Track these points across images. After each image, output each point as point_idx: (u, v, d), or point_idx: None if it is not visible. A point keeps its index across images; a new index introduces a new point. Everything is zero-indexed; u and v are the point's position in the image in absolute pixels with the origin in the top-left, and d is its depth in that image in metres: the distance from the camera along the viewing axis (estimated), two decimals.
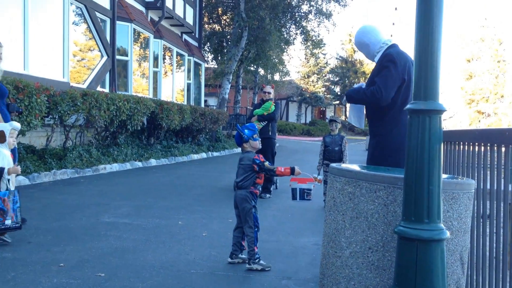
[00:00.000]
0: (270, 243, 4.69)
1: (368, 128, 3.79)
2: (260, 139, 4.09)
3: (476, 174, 2.72)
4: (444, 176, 2.46)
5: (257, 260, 3.83)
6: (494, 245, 2.63)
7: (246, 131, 3.97)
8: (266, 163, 3.89)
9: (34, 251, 3.98)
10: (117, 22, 13.63)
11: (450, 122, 59.36)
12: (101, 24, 12.86)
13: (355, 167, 2.80)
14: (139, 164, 10.79)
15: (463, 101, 58.11)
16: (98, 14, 12.69)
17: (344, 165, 2.87)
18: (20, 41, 9.22)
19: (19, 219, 4.15)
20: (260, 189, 4.03)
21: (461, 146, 3.03)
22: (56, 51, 10.45)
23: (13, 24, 9.16)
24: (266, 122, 7.67)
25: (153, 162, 11.45)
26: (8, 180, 4.16)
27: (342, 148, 7.21)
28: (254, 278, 3.65)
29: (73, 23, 11.61)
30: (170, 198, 7.05)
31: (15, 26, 9.19)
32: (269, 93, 7.78)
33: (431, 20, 2.10)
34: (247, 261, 3.87)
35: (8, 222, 4.05)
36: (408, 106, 2.18)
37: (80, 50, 12.54)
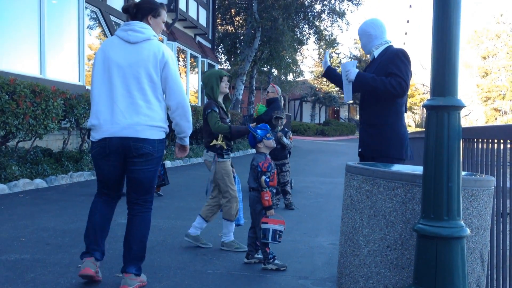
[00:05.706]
0: (286, 243, 4.67)
1: (365, 117, 3.66)
2: (274, 138, 4.08)
3: (495, 171, 2.68)
4: (463, 173, 2.42)
5: (271, 260, 3.81)
6: None
7: (259, 131, 3.98)
8: (263, 178, 3.78)
9: (53, 252, 4.02)
10: None
11: (465, 120, 58.74)
12: (115, 27, 12.97)
13: (372, 165, 2.77)
14: None
15: (479, 99, 57.45)
16: (112, 18, 12.80)
17: (361, 163, 2.84)
18: (36, 46, 9.34)
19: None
20: (274, 191, 3.98)
21: (480, 144, 2.98)
22: (71, 55, 10.57)
23: (29, 28, 9.29)
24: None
25: (168, 163, 11.51)
26: None
27: (286, 145, 6.71)
28: (270, 278, 3.64)
29: (88, 27, 11.73)
30: (186, 199, 7.07)
31: (32, 31, 9.31)
32: (268, 92, 7.52)
33: (449, 15, 2.07)
34: (263, 261, 3.86)
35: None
36: (426, 102, 2.15)
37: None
